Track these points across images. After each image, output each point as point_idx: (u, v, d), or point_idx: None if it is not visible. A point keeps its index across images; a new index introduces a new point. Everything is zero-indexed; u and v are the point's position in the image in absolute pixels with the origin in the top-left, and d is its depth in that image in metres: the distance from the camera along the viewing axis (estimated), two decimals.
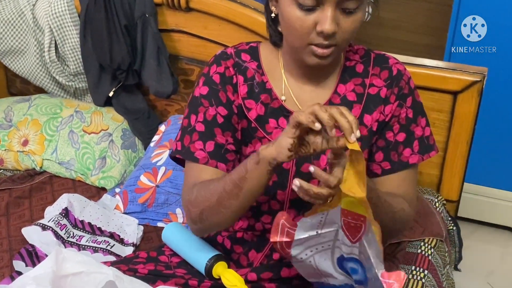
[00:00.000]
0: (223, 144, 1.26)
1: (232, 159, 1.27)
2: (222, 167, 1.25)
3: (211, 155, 1.26)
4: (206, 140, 1.26)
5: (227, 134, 1.27)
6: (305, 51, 1.17)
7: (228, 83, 1.28)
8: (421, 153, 1.30)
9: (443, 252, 1.72)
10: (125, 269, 1.28)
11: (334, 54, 1.18)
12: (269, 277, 1.28)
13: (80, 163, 2.03)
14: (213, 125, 1.26)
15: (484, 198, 2.61)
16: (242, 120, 1.28)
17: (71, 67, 2.20)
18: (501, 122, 2.44)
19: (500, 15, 2.26)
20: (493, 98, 2.38)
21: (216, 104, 1.27)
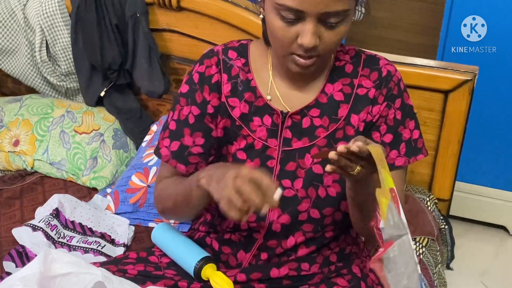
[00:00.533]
0: (188, 146, 1.29)
1: (195, 162, 1.30)
2: (182, 168, 1.30)
3: (173, 154, 1.29)
4: (173, 139, 1.30)
5: (196, 135, 1.29)
6: (287, 59, 1.18)
7: (206, 83, 1.29)
8: (408, 155, 1.29)
9: (435, 251, 1.73)
10: (115, 270, 1.27)
11: (317, 64, 1.18)
12: (259, 277, 1.28)
13: (71, 163, 2.02)
14: (184, 125, 1.29)
15: (476, 197, 2.62)
16: (225, 119, 1.28)
17: (62, 67, 2.20)
18: (494, 121, 2.45)
19: (500, 15, 2.26)
20: (487, 97, 2.39)
21: (191, 104, 1.29)
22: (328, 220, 1.28)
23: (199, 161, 1.30)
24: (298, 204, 1.25)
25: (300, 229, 1.27)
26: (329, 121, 1.26)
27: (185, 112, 1.29)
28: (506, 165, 2.52)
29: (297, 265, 1.29)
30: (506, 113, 2.42)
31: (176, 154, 1.30)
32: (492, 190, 2.59)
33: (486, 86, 2.35)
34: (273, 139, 1.26)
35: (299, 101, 1.27)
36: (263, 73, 1.29)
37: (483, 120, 2.45)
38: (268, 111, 1.27)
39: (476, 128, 2.43)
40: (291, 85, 1.28)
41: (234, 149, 1.28)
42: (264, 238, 1.28)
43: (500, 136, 2.47)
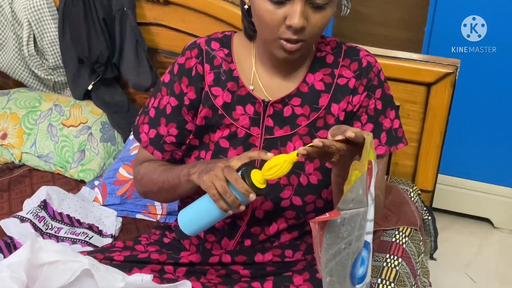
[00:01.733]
0: (162, 136, 1.34)
1: (170, 149, 1.35)
2: (158, 155, 1.36)
3: (150, 141, 1.35)
4: (151, 127, 1.35)
5: (171, 126, 1.33)
6: (274, 44, 1.20)
7: (184, 74, 1.32)
8: (389, 144, 1.32)
9: (418, 241, 1.75)
10: (101, 258, 1.29)
11: (303, 50, 1.20)
12: (243, 260, 1.31)
13: (59, 156, 2.04)
14: (161, 114, 1.34)
15: (461, 190, 2.65)
16: (207, 108, 1.30)
17: (49, 60, 2.21)
18: (478, 115, 2.48)
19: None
20: (470, 91, 2.42)
21: (170, 94, 1.33)
22: (310, 207, 1.30)
23: (173, 149, 1.35)
24: (281, 192, 1.28)
25: (283, 216, 1.30)
26: (310, 110, 1.29)
27: (164, 102, 1.33)
28: (491, 159, 2.56)
29: (281, 251, 1.32)
30: (489, 107, 2.45)
31: (153, 141, 1.35)
32: (477, 183, 2.62)
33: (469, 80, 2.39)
34: (255, 127, 1.29)
35: (280, 91, 1.29)
36: (246, 63, 1.32)
37: (466, 114, 2.48)
38: (250, 100, 1.29)
39: (460, 122, 2.46)
40: (274, 75, 1.30)
41: (217, 137, 1.30)
42: (248, 225, 1.31)
43: (484, 130, 2.51)
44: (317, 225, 0.91)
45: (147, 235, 1.46)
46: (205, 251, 1.34)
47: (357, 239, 0.99)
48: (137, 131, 1.38)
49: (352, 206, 0.96)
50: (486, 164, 2.57)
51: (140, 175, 1.37)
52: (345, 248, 0.96)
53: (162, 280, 1.26)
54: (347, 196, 0.94)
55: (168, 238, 1.43)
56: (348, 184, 0.95)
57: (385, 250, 1.64)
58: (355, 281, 1.01)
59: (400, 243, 1.68)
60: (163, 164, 1.36)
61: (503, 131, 2.47)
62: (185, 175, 1.23)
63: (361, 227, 0.99)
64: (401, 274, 1.56)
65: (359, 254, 1.00)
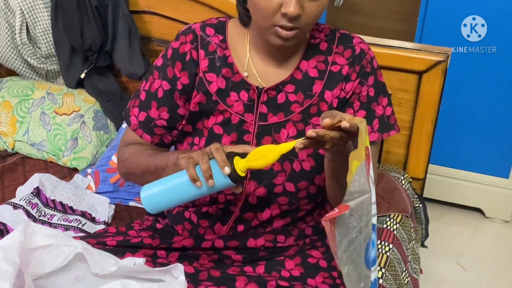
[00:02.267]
0: (153, 119, 1.34)
1: (160, 133, 1.36)
2: (147, 138, 1.36)
3: (140, 124, 1.35)
4: (141, 110, 1.35)
5: (162, 110, 1.33)
6: (269, 31, 1.20)
7: (178, 59, 1.32)
8: (381, 131, 1.33)
9: (409, 228, 1.77)
10: (94, 243, 1.30)
11: (298, 37, 1.21)
12: (236, 245, 1.32)
13: (52, 144, 2.04)
14: (152, 98, 1.34)
15: (453, 180, 2.66)
16: (201, 94, 1.31)
17: (42, 49, 2.20)
18: (469, 106, 2.49)
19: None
20: (462, 81, 2.43)
21: (162, 78, 1.33)
22: (302, 193, 1.31)
23: (164, 132, 1.36)
24: (274, 178, 1.29)
25: (276, 202, 1.31)
26: (304, 97, 1.29)
27: (155, 86, 1.33)
28: (482, 149, 2.57)
29: (273, 237, 1.33)
30: (481, 98, 2.47)
31: (143, 124, 1.35)
32: (468, 173, 2.64)
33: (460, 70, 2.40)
34: (249, 114, 1.29)
35: (274, 77, 1.30)
36: (240, 50, 1.32)
37: (458, 105, 2.49)
38: (244, 87, 1.30)
39: (451, 113, 2.48)
40: (268, 62, 1.31)
41: (211, 124, 1.31)
42: (241, 210, 1.31)
43: (476, 121, 2.52)
44: (329, 222, 0.91)
45: (140, 221, 1.47)
46: (198, 236, 1.35)
47: (366, 225, 1.00)
48: (127, 114, 1.38)
49: (357, 196, 0.97)
50: (478, 154, 2.59)
51: (125, 157, 1.37)
52: (356, 236, 0.97)
53: (154, 264, 1.26)
54: (351, 187, 0.95)
55: (161, 224, 1.44)
56: (350, 175, 0.96)
57: (376, 236, 1.65)
58: (369, 265, 1.02)
59: (391, 230, 1.69)
60: (151, 148, 1.36)
61: (495, 121, 2.49)
62: (174, 158, 1.23)
63: (368, 213, 1.00)
64: (391, 260, 1.57)
65: (369, 238, 1.02)
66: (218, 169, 1.11)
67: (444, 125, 2.40)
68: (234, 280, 1.25)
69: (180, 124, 1.35)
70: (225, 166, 1.09)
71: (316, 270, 1.30)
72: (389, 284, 1.51)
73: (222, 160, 1.10)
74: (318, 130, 1.04)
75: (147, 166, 1.30)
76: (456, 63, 2.34)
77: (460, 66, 2.37)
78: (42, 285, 1.11)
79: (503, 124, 2.47)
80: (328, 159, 1.19)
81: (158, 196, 1.18)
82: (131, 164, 1.35)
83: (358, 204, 0.97)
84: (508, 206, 2.64)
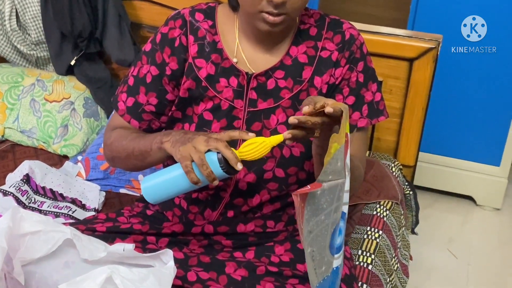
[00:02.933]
0: (141, 104, 1.33)
1: (148, 119, 1.35)
2: (135, 123, 1.35)
3: (128, 110, 1.35)
4: (129, 95, 1.34)
5: (151, 95, 1.33)
6: (256, 17, 1.20)
7: (167, 44, 1.31)
8: (370, 117, 1.33)
9: (399, 215, 1.78)
10: (83, 229, 1.30)
11: (285, 23, 1.20)
12: (225, 230, 1.32)
13: (42, 131, 2.03)
14: (141, 83, 1.33)
15: (444, 168, 2.68)
16: (190, 80, 1.30)
17: (32, 35, 2.19)
18: (460, 93, 2.50)
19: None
20: (453, 68, 2.44)
21: (150, 63, 1.32)
22: (292, 179, 1.31)
23: (152, 118, 1.35)
24: (264, 164, 1.29)
25: (266, 188, 1.31)
26: (293, 83, 1.29)
27: (144, 71, 1.33)
28: (473, 137, 2.58)
29: (263, 222, 1.33)
30: (472, 86, 2.47)
31: (131, 110, 1.34)
32: (459, 161, 2.65)
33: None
34: (239, 100, 1.29)
35: (264, 63, 1.29)
36: (229, 36, 1.31)
37: (449, 93, 2.50)
38: (234, 73, 1.29)
39: (442, 101, 2.48)
40: (257, 48, 1.30)
41: (200, 110, 1.31)
42: (231, 196, 1.31)
43: (466, 109, 2.53)
44: (299, 197, 0.92)
45: (130, 208, 1.46)
46: (188, 222, 1.35)
47: (336, 210, 1.00)
48: (115, 100, 1.37)
49: (331, 178, 0.97)
50: (469, 142, 2.60)
51: (110, 140, 1.36)
52: (324, 219, 0.97)
53: (144, 250, 1.26)
54: (327, 168, 0.96)
55: (151, 210, 1.43)
56: (328, 156, 0.96)
57: (366, 223, 1.66)
58: (333, 251, 1.03)
59: (381, 216, 1.70)
60: (137, 131, 1.35)
61: (486, 109, 2.50)
62: (158, 142, 1.22)
63: (339, 198, 1.00)
64: (381, 246, 1.58)
65: (337, 224, 1.02)
66: (215, 164, 1.11)
67: (435, 112, 2.42)
68: (223, 265, 1.25)
69: (169, 110, 1.35)
70: (238, 163, 1.10)
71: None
72: (378, 270, 1.51)
73: (234, 157, 1.10)
74: (299, 117, 1.05)
75: (131, 149, 1.29)
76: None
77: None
78: (31, 271, 1.11)
79: (494, 112, 2.48)
80: (315, 145, 1.19)
81: (159, 188, 1.18)
82: (116, 147, 1.34)
83: (331, 187, 0.97)
84: (499, 194, 2.66)
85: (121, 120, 1.36)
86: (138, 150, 1.27)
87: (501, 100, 2.45)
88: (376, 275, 1.49)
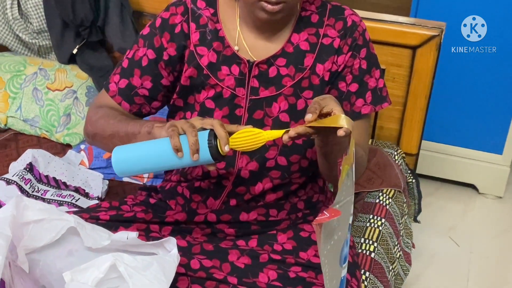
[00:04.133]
0: (135, 87, 1.33)
1: (140, 102, 1.34)
2: (125, 106, 1.34)
3: (119, 91, 1.34)
4: (122, 77, 1.33)
5: (145, 79, 1.32)
6: (255, 6, 1.19)
7: (167, 30, 1.31)
8: (374, 104, 1.33)
9: (401, 203, 1.78)
10: (87, 217, 1.30)
11: (284, 11, 1.20)
12: (228, 219, 1.32)
13: (45, 120, 2.03)
14: (135, 66, 1.32)
15: (446, 156, 2.67)
16: (192, 68, 1.30)
17: (34, 24, 2.18)
18: (462, 81, 2.49)
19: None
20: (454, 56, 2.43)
21: (147, 47, 1.31)
22: (294, 167, 1.31)
23: (143, 102, 1.34)
24: (266, 152, 1.29)
25: (268, 176, 1.31)
26: (295, 70, 1.29)
27: (140, 54, 1.32)
28: (475, 125, 2.58)
29: (266, 211, 1.33)
30: (474, 73, 2.46)
31: (123, 91, 1.33)
32: (462, 149, 2.65)
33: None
34: (240, 88, 1.29)
35: (265, 51, 1.29)
36: (230, 24, 1.31)
37: (451, 80, 2.49)
38: (235, 61, 1.29)
39: (444, 88, 2.47)
40: (258, 36, 1.30)
41: (202, 98, 1.30)
42: (233, 184, 1.32)
43: (469, 96, 2.52)
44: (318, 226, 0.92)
45: (133, 196, 1.47)
46: (191, 210, 1.35)
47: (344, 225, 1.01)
48: (107, 82, 1.36)
49: (343, 199, 0.98)
50: (472, 130, 2.60)
51: (96, 117, 1.32)
52: (336, 237, 0.98)
53: (147, 238, 1.27)
54: (341, 191, 0.96)
55: (154, 199, 1.44)
56: (340, 181, 0.96)
57: (369, 211, 1.67)
58: (341, 262, 1.04)
59: (384, 204, 1.70)
60: (125, 114, 1.34)
61: (489, 97, 2.49)
62: (149, 126, 1.19)
63: (350, 214, 1.02)
64: (384, 234, 1.59)
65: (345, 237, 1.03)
66: (204, 144, 1.08)
67: (437, 100, 2.41)
68: (226, 253, 1.26)
69: (161, 96, 1.34)
70: (226, 145, 1.08)
71: (308, 244, 1.31)
72: (381, 257, 1.52)
73: (225, 138, 1.08)
74: (299, 130, 1.07)
75: (117, 129, 1.26)
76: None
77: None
78: (35, 259, 1.12)
79: (497, 99, 2.48)
80: (316, 144, 1.20)
81: (132, 160, 1.13)
82: (101, 125, 1.30)
83: (342, 207, 0.98)
84: (501, 182, 2.66)
85: (110, 100, 1.35)
86: (124, 132, 1.24)
87: (504, 89, 2.44)
88: (378, 263, 1.50)
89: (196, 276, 1.21)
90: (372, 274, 1.45)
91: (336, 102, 1.10)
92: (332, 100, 1.10)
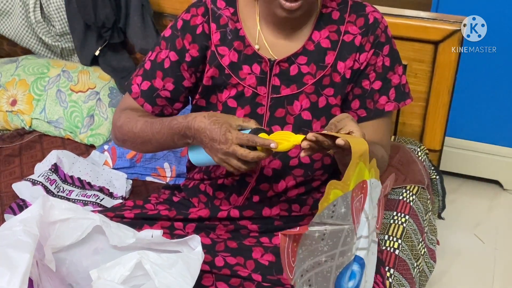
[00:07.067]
0: (157, 89, 1.34)
1: (162, 104, 1.36)
2: (148, 108, 1.35)
3: (142, 93, 1.35)
4: (145, 79, 1.34)
5: (167, 80, 1.33)
6: (274, 4, 1.20)
7: (188, 31, 1.31)
8: (397, 100, 1.33)
9: (425, 199, 1.77)
10: (112, 216, 1.31)
11: (303, 8, 1.20)
12: (251, 215, 1.33)
13: (69, 121, 2.05)
14: (158, 67, 1.33)
15: (470, 152, 2.65)
16: (213, 68, 1.30)
17: (56, 27, 2.21)
18: (486, 77, 2.47)
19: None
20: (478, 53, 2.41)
21: (170, 49, 1.33)
22: (318, 164, 1.31)
23: (165, 104, 1.36)
24: (288, 150, 1.29)
25: (291, 174, 1.31)
26: (316, 68, 1.29)
27: (162, 56, 1.33)
28: (499, 121, 2.55)
29: (288, 206, 1.34)
30: (498, 68, 2.44)
31: (145, 93, 1.35)
32: (486, 145, 2.62)
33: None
34: (262, 86, 1.29)
35: (286, 49, 1.29)
36: (250, 22, 1.31)
37: (475, 75, 2.46)
38: (256, 59, 1.29)
39: (469, 83, 2.45)
40: (278, 34, 1.30)
41: (224, 97, 1.31)
42: (256, 181, 1.32)
43: (492, 92, 2.50)
44: (288, 237, 0.91)
45: (157, 195, 1.48)
46: (214, 207, 1.36)
47: (342, 254, 1.00)
48: (129, 83, 1.37)
49: (332, 222, 0.96)
50: (496, 126, 2.57)
51: (120, 123, 1.35)
52: (326, 261, 0.97)
53: (172, 236, 1.28)
54: (323, 213, 0.94)
55: (177, 197, 1.45)
56: (325, 202, 0.94)
57: (392, 208, 1.66)
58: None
59: (407, 201, 1.69)
60: (147, 114, 1.35)
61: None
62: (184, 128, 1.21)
63: (346, 243, 1.00)
64: (408, 231, 1.58)
65: (346, 268, 1.02)
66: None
67: (461, 96, 2.39)
68: (250, 251, 1.26)
69: (183, 97, 1.36)
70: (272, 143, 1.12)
71: None
72: (405, 254, 1.51)
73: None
74: (317, 136, 1.05)
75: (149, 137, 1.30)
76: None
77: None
78: (61, 258, 1.13)
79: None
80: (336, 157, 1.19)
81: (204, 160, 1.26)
82: (129, 131, 1.33)
83: (334, 232, 0.96)
84: None
85: (132, 101, 1.37)
86: (159, 134, 1.27)
87: None
88: (403, 260, 1.49)
89: (221, 273, 1.21)
90: (396, 271, 1.45)
91: (354, 123, 1.09)
92: (350, 121, 1.09)
